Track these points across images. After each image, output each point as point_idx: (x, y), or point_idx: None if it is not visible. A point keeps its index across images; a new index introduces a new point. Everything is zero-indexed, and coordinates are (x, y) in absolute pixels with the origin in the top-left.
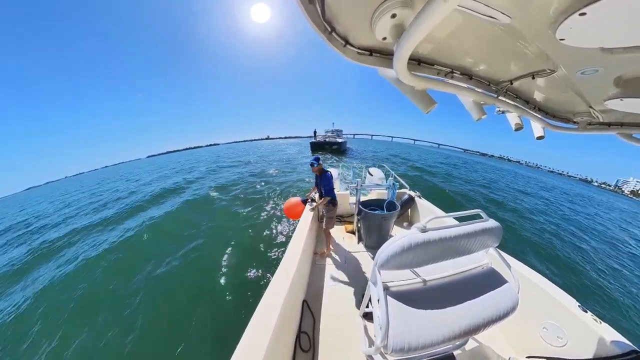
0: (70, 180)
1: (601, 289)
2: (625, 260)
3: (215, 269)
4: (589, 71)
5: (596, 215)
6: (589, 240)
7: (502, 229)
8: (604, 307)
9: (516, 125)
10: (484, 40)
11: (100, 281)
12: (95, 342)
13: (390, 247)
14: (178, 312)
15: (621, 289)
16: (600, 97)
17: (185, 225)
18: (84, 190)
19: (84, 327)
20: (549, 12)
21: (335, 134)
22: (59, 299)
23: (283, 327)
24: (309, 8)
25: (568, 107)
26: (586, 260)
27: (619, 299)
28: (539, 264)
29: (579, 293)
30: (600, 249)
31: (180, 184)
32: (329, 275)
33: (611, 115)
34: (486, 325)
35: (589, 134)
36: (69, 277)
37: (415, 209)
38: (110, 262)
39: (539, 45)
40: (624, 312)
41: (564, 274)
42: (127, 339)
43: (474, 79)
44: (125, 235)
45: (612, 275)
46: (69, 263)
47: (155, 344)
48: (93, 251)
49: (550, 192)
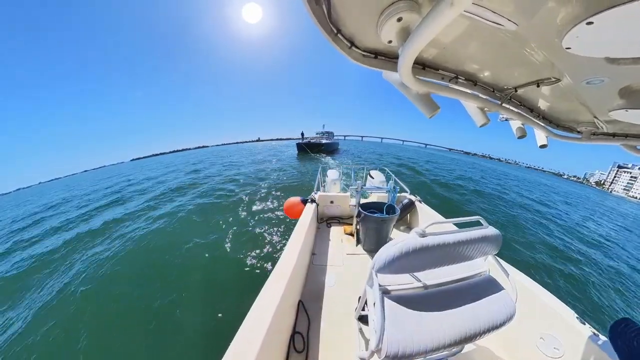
0: (43, 186)
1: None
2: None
3: (209, 266)
4: (595, 81)
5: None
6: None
7: (502, 236)
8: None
9: (519, 133)
10: (489, 46)
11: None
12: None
13: (388, 251)
14: (166, 309)
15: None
16: (605, 108)
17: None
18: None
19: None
20: (556, 21)
21: (325, 135)
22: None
23: (277, 327)
24: (315, 9)
25: (572, 116)
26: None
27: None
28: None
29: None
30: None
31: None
32: (326, 276)
33: (616, 126)
34: (482, 333)
35: (593, 144)
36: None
37: (415, 213)
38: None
39: (545, 53)
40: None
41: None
42: (126, 336)
43: (478, 85)
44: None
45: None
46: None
47: (142, 340)
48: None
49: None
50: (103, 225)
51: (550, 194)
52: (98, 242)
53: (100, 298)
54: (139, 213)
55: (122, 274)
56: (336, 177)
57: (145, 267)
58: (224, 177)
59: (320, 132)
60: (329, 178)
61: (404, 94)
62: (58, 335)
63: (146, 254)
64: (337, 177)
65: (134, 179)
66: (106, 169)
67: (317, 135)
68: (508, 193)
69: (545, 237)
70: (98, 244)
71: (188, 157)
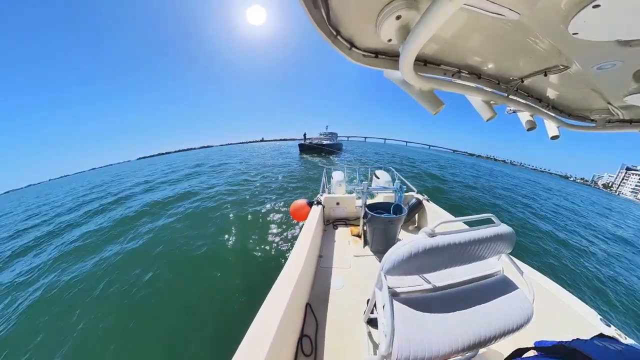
0: (56, 183)
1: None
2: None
3: (217, 271)
4: (606, 65)
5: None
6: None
7: (515, 234)
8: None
9: (528, 125)
10: (491, 38)
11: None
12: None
13: (397, 252)
14: (178, 311)
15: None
16: (619, 93)
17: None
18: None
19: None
20: (560, 6)
21: (328, 136)
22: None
23: (285, 330)
24: (314, 13)
25: (584, 104)
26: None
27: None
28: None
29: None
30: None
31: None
32: (333, 279)
33: (632, 112)
34: (498, 337)
35: (608, 132)
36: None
37: (423, 212)
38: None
39: (551, 40)
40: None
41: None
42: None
43: (482, 78)
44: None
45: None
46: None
47: (151, 342)
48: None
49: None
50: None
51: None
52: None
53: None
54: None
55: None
56: (341, 179)
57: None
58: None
59: (324, 133)
60: (334, 180)
61: (406, 91)
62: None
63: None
64: (342, 179)
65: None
66: (113, 167)
67: (320, 136)
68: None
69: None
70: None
71: (197, 155)
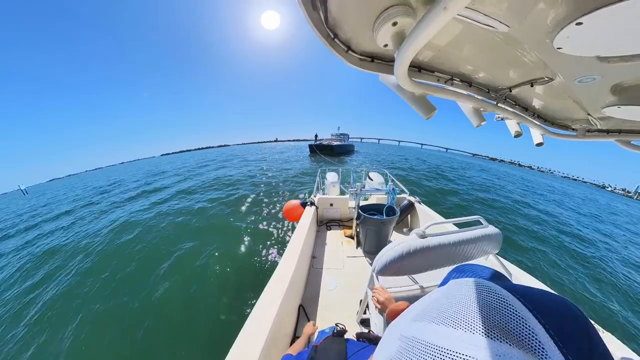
0: (91, 174)
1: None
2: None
3: (207, 272)
4: (587, 79)
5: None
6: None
7: (502, 235)
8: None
9: (515, 132)
10: (483, 48)
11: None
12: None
13: (388, 253)
14: (168, 315)
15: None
16: (598, 105)
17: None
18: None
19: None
20: (546, 22)
21: (340, 137)
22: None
23: (278, 332)
24: (313, 15)
25: (567, 114)
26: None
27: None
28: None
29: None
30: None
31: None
32: (326, 280)
33: (609, 122)
34: None
35: (588, 141)
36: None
37: (415, 214)
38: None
39: (537, 53)
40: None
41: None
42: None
43: (473, 85)
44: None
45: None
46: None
47: (140, 346)
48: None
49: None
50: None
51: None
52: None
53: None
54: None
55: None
56: (335, 180)
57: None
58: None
59: (335, 134)
60: (328, 181)
61: (400, 96)
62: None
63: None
64: (336, 180)
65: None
66: (139, 161)
67: (332, 137)
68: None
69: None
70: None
71: (219, 154)
